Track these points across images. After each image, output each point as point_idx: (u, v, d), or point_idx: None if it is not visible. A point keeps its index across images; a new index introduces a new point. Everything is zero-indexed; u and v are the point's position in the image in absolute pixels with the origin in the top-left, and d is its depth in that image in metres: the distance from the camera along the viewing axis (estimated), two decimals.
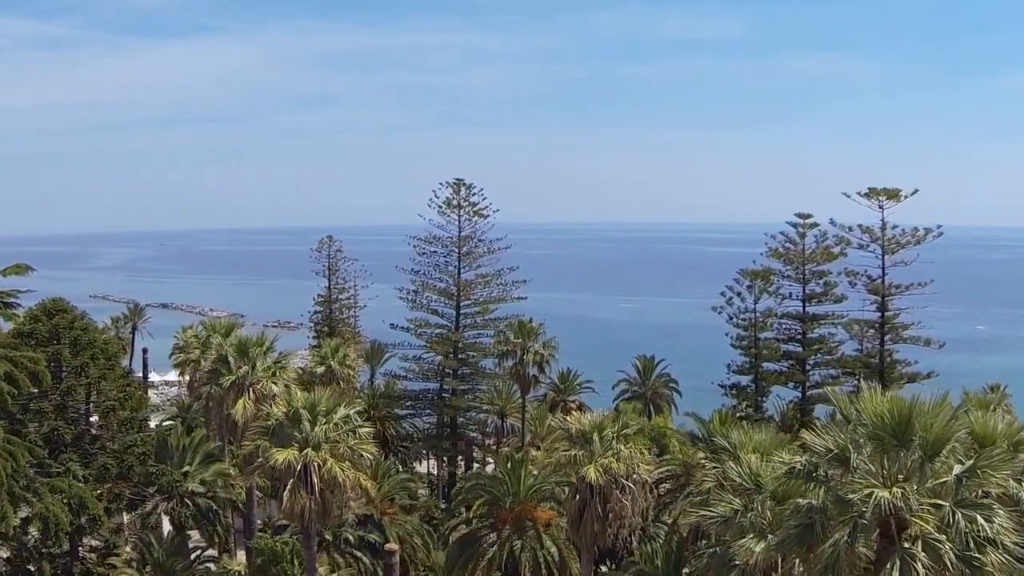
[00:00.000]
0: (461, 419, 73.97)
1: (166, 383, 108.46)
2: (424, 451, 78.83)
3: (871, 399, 20.28)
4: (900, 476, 20.11)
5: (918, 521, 19.35)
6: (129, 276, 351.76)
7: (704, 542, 35.42)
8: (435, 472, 79.35)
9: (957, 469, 20.22)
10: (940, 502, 19.74)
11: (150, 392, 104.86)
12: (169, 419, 73.51)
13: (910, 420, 19.69)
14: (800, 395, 65.30)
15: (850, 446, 20.27)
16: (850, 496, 19.63)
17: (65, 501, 41.68)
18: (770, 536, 25.37)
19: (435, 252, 74.80)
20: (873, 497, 19.03)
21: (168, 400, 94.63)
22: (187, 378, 66.23)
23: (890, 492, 19.12)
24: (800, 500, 21.39)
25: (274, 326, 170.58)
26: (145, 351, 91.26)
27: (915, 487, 19.84)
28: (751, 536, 25.93)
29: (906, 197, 63.43)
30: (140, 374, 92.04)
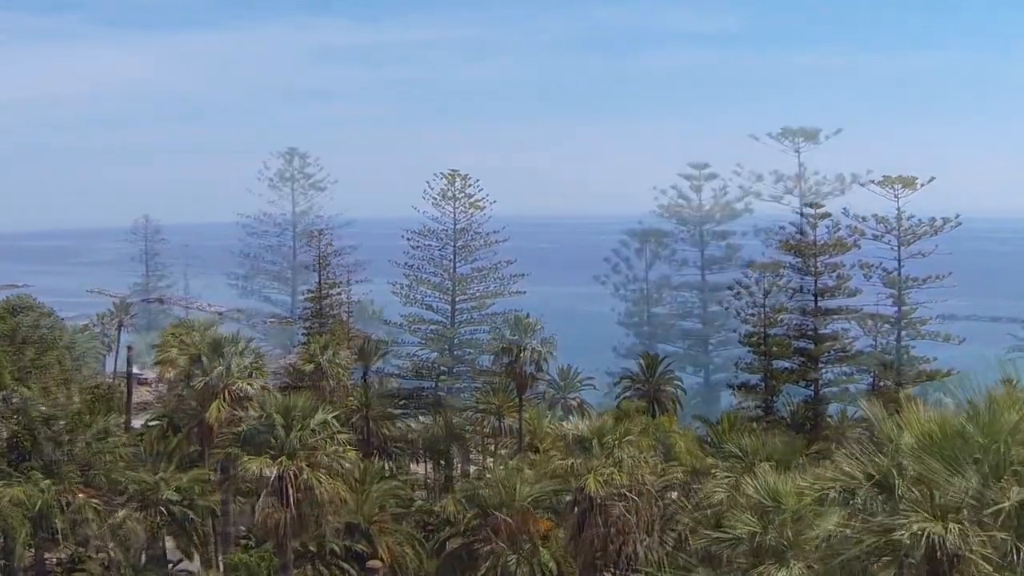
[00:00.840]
0: (457, 419, 71.19)
1: (161, 380, 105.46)
2: (420, 452, 76.04)
3: (916, 414, 17.16)
4: (952, 504, 16.98)
5: (975, 558, 16.21)
6: (128, 271, 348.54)
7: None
8: (430, 474, 76.55)
9: (1016, 494, 17.09)
10: (1000, 534, 16.59)
11: (144, 390, 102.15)
12: (156, 418, 70.92)
13: (964, 440, 16.55)
14: (812, 393, 62.24)
15: (893, 470, 17.10)
16: (896, 533, 16.45)
17: (26, 513, 38.91)
18: (793, 563, 22.50)
19: (430, 246, 72.33)
20: (925, 533, 15.93)
21: (159, 398, 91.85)
22: (169, 376, 63.47)
23: (944, 527, 16.01)
24: (831, 528, 18.27)
25: (273, 321, 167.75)
26: (129, 348, 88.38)
27: (970, 517, 16.70)
28: (771, 562, 23.07)
29: (922, 185, 60.70)
30: (124, 372, 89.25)
